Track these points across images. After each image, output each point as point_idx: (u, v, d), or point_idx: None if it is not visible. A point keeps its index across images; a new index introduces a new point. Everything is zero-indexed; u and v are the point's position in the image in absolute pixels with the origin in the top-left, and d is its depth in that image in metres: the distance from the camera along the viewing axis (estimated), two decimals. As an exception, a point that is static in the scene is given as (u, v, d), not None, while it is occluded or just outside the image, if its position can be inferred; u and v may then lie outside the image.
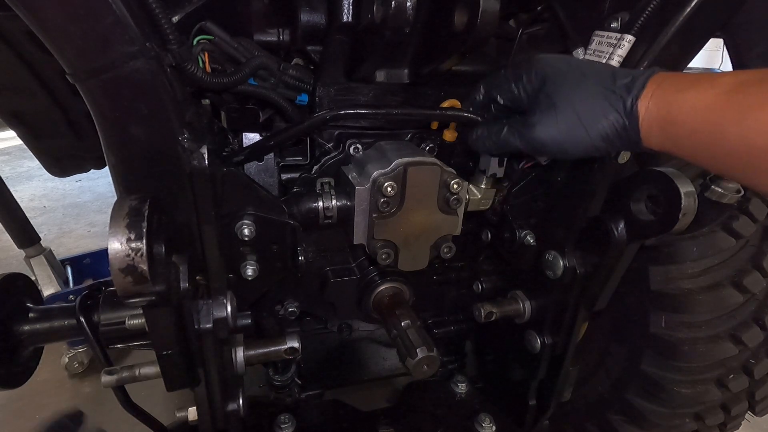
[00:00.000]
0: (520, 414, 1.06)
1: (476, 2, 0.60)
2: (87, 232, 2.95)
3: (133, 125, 0.58)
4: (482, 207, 0.89)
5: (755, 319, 0.93)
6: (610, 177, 0.77)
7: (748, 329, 0.91)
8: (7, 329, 0.78)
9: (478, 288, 1.07)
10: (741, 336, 0.91)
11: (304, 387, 1.18)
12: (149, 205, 0.53)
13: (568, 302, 0.88)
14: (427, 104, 0.86)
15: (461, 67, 0.86)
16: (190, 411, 0.81)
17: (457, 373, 1.24)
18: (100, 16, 0.50)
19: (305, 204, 0.79)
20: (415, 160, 0.76)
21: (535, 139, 0.64)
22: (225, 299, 0.68)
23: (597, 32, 0.75)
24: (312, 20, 0.78)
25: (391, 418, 1.13)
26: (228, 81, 0.71)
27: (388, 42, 0.65)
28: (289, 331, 1.02)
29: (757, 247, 0.94)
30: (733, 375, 0.95)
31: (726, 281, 0.91)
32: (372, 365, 1.26)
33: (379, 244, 0.79)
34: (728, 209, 0.90)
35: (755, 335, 0.92)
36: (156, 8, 0.56)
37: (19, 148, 3.98)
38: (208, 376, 0.69)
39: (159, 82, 0.57)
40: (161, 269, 0.55)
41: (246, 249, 0.76)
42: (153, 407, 0.86)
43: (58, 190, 3.52)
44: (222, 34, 0.73)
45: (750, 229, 0.91)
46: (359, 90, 0.82)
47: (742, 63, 0.82)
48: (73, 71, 0.53)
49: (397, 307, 0.92)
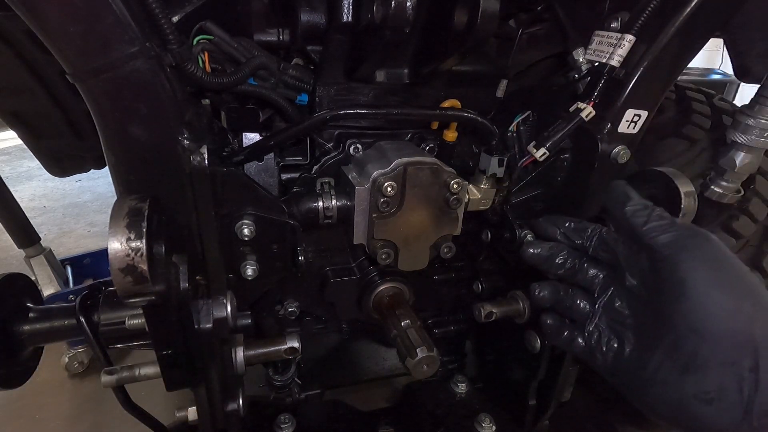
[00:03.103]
0: (520, 414, 1.06)
1: (476, 2, 0.60)
2: (87, 232, 2.95)
3: (133, 125, 0.58)
4: (482, 207, 0.89)
5: (755, 319, 0.93)
6: (610, 177, 0.77)
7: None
8: (7, 329, 0.78)
9: (478, 288, 1.07)
10: (741, 336, 0.91)
11: (304, 387, 1.18)
12: (149, 205, 0.53)
13: (568, 302, 0.88)
14: (427, 104, 0.85)
15: (461, 67, 0.86)
16: (190, 411, 0.81)
17: (457, 373, 1.24)
18: (100, 16, 0.50)
19: (305, 204, 0.79)
20: (415, 160, 0.76)
21: (646, 396, 0.48)
22: (225, 299, 0.68)
23: (597, 32, 0.75)
24: (312, 20, 0.78)
25: (391, 418, 1.13)
26: (228, 81, 0.71)
27: (388, 42, 0.65)
28: (289, 331, 1.03)
29: (757, 247, 0.94)
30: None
31: (726, 281, 0.91)
32: (372, 365, 1.26)
33: (379, 244, 0.79)
34: (728, 209, 0.90)
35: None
36: (156, 8, 0.56)
37: (19, 148, 3.97)
38: (208, 376, 0.69)
39: (159, 82, 0.57)
40: (161, 269, 0.55)
41: (246, 249, 0.76)
42: (153, 407, 0.86)
43: (58, 190, 3.52)
44: (222, 34, 0.73)
45: (750, 229, 0.91)
46: (359, 90, 0.82)
47: (742, 63, 0.82)
48: (73, 71, 0.53)
49: (397, 307, 0.92)
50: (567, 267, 0.65)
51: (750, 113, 0.82)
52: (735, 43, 0.82)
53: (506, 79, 0.92)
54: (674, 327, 0.48)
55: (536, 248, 0.68)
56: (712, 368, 0.45)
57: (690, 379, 0.46)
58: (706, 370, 0.45)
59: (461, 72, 0.86)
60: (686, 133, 1.04)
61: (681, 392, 0.47)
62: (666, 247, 0.50)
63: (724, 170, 0.86)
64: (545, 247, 0.68)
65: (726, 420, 0.45)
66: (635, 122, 0.75)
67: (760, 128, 0.81)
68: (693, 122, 1.06)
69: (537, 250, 0.67)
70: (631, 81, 0.71)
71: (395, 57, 0.80)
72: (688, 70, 3.20)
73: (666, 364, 0.48)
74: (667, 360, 0.48)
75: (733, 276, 0.47)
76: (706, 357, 0.45)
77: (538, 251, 0.67)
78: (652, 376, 0.49)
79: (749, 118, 0.82)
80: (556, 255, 0.66)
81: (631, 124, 0.75)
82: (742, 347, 0.44)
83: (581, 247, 0.65)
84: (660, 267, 0.50)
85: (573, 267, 0.64)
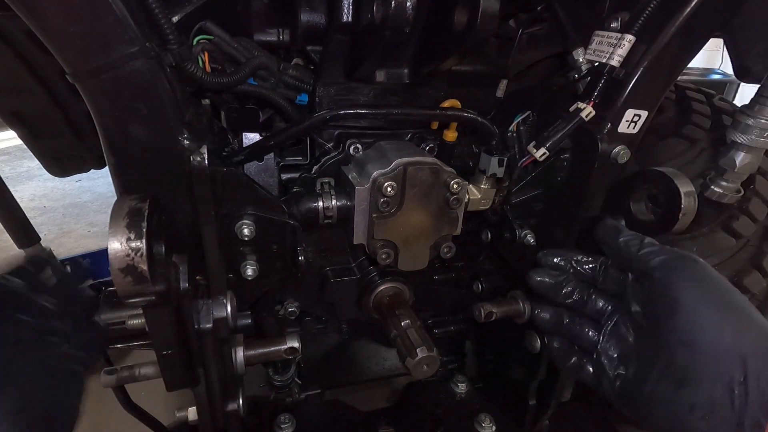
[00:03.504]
0: (520, 414, 1.06)
1: (476, 2, 0.60)
2: (87, 232, 2.95)
3: (133, 125, 0.58)
4: (482, 207, 0.89)
5: (755, 319, 0.93)
6: (610, 177, 0.77)
7: (748, 329, 0.91)
8: (7, 329, 0.78)
9: (478, 288, 1.07)
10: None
11: (304, 387, 1.18)
12: (149, 205, 0.53)
13: (568, 302, 0.88)
14: (427, 104, 0.85)
15: (461, 67, 0.86)
16: (190, 411, 0.81)
17: (457, 373, 1.24)
18: (100, 16, 0.50)
19: (305, 204, 0.79)
20: (415, 160, 0.76)
21: (642, 403, 0.50)
22: (225, 299, 0.68)
23: (597, 32, 0.75)
24: (312, 20, 0.78)
25: (391, 418, 1.13)
26: (228, 81, 0.71)
27: (388, 42, 0.65)
28: (289, 331, 1.03)
29: (757, 247, 0.94)
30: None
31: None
32: (372, 365, 1.26)
33: (379, 244, 0.79)
34: (728, 209, 0.90)
35: (755, 335, 0.92)
36: (156, 8, 0.56)
37: (19, 148, 3.97)
38: (208, 376, 0.69)
39: (159, 82, 0.56)
40: (161, 269, 0.55)
41: (246, 249, 0.76)
42: (153, 407, 0.86)
43: (58, 190, 3.52)
44: (222, 34, 0.73)
45: (750, 229, 0.91)
46: (359, 90, 0.82)
47: (742, 63, 0.82)
48: (73, 71, 0.53)
49: (397, 307, 0.92)
50: (575, 298, 0.66)
51: (750, 113, 0.82)
52: (735, 43, 0.82)
53: (506, 79, 0.92)
54: (668, 343, 0.49)
55: (543, 276, 0.69)
56: (703, 381, 0.46)
57: (684, 394, 0.47)
58: (698, 383, 0.47)
59: (461, 72, 0.86)
60: (686, 133, 1.04)
61: (676, 407, 0.48)
62: (657, 269, 0.53)
63: (724, 170, 0.86)
64: (552, 275, 0.69)
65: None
66: (635, 122, 0.75)
67: (760, 128, 0.81)
68: (693, 122, 1.06)
69: (544, 279, 0.68)
70: (631, 81, 0.71)
71: (395, 57, 0.80)
72: (688, 70, 3.20)
73: (662, 380, 0.50)
74: (663, 376, 0.49)
75: (720, 293, 0.50)
76: (697, 370, 0.47)
77: (545, 280, 0.68)
78: (651, 392, 0.50)
79: (749, 118, 0.82)
80: (562, 285, 0.67)
81: (631, 124, 0.75)
82: (731, 360, 0.45)
83: (588, 278, 0.67)
84: (654, 288, 0.53)
85: (581, 299, 0.66)
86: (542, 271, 0.70)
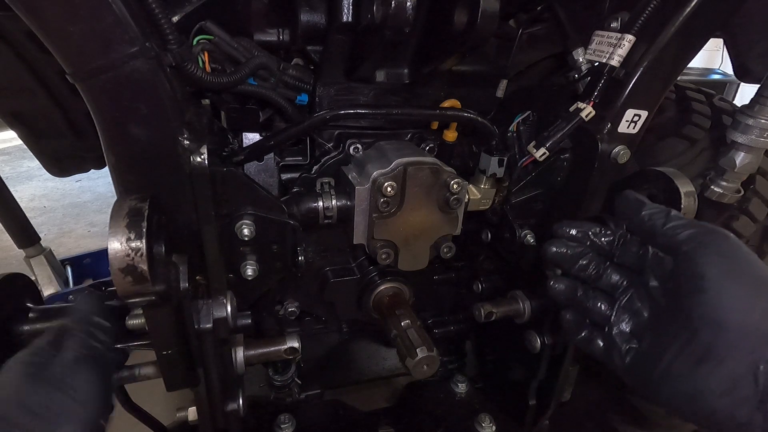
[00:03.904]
0: (520, 414, 1.06)
1: (476, 2, 0.60)
2: (87, 232, 2.95)
3: (133, 125, 0.58)
4: (482, 207, 0.89)
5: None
6: (610, 177, 0.77)
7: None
8: (7, 329, 0.78)
9: (478, 288, 1.07)
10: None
11: (304, 387, 1.18)
12: (149, 205, 0.53)
13: (568, 302, 0.87)
14: (427, 104, 0.85)
15: (461, 67, 0.86)
16: (190, 411, 0.81)
17: (457, 373, 1.24)
18: (100, 16, 0.50)
19: (305, 204, 0.79)
20: (415, 160, 0.76)
21: (662, 387, 0.50)
22: (225, 299, 0.68)
23: (597, 32, 0.75)
24: (312, 20, 0.78)
25: (391, 418, 1.12)
26: (228, 81, 0.71)
27: (388, 42, 0.65)
28: (289, 331, 1.03)
29: (757, 247, 0.94)
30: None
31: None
32: (372, 365, 1.26)
33: (379, 244, 0.79)
34: (728, 209, 0.90)
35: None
36: (156, 8, 0.56)
37: (19, 148, 3.97)
38: (208, 376, 0.69)
39: (159, 82, 0.56)
40: (161, 269, 0.55)
41: (246, 249, 0.76)
42: (153, 407, 0.86)
43: (58, 190, 3.52)
44: (222, 33, 0.73)
45: (750, 229, 0.91)
46: (359, 90, 0.82)
47: (742, 63, 0.82)
48: (73, 71, 0.53)
49: (397, 307, 0.92)
50: (590, 271, 0.66)
51: (750, 113, 0.82)
52: (735, 43, 0.82)
53: (506, 79, 0.92)
54: (691, 320, 0.48)
55: (559, 247, 0.67)
56: (726, 359, 0.46)
57: (704, 370, 0.47)
58: (720, 361, 0.46)
59: (461, 72, 0.86)
60: (686, 133, 1.04)
61: (695, 384, 0.47)
62: (685, 243, 0.51)
63: (724, 170, 0.86)
64: (569, 246, 0.67)
65: (741, 411, 0.45)
66: (635, 122, 0.75)
67: (760, 128, 0.81)
68: (693, 122, 1.06)
69: (561, 249, 0.67)
70: (631, 81, 0.71)
71: (395, 57, 0.80)
72: (688, 70, 3.20)
73: (681, 356, 0.49)
74: (682, 353, 0.49)
75: (750, 271, 0.48)
76: (721, 348, 0.46)
77: (561, 251, 0.67)
78: (667, 369, 0.50)
79: (749, 118, 0.82)
80: (579, 256, 0.66)
81: (631, 124, 0.75)
82: (757, 339, 0.45)
83: (605, 251, 0.66)
84: (680, 263, 0.51)
85: (597, 272, 0.65)
86: (559, 241, 0.68)
